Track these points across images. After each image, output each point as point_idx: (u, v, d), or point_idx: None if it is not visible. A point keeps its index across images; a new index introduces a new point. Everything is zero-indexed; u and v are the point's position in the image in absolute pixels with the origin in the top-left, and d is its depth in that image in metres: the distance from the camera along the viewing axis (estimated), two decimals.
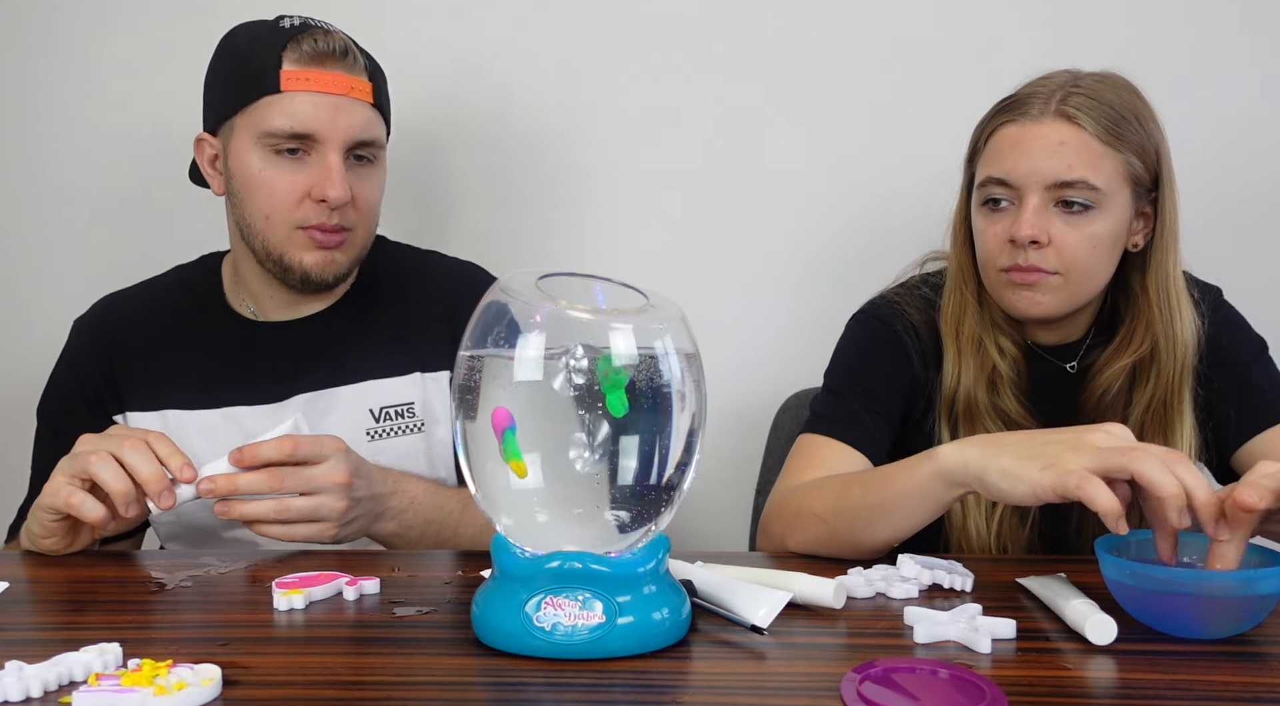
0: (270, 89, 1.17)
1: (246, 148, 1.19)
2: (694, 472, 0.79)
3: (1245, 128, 1.57)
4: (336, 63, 1.18)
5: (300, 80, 1.16)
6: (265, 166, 1.18)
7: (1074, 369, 1.23)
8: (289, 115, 1.16)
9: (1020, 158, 1.12)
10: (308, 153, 1.18)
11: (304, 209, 1.19)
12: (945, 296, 1.22)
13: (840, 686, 0.69)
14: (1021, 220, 1.11)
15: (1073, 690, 0.71)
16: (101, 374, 1.27)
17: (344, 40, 1.19)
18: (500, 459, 0.75)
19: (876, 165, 1.61)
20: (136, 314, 1.30)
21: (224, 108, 1.21)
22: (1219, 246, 1.46)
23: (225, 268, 1.32)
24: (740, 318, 1.64)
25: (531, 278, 0.79)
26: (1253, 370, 1.21)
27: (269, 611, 0.86)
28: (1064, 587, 0.86)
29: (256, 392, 1.25)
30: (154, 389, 1.26)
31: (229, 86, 1.21)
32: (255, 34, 1.20)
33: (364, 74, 1.21)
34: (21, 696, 0.68)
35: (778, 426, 1.49)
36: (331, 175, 1.17)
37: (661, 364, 0.75)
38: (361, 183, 1.21)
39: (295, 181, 1.18)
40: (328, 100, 1.17)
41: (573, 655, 0.75)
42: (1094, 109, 1.12)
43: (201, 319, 1.29)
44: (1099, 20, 1.56)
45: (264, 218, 1.20)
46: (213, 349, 1.27)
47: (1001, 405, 1.17)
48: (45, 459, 1.25)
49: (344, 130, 1.18)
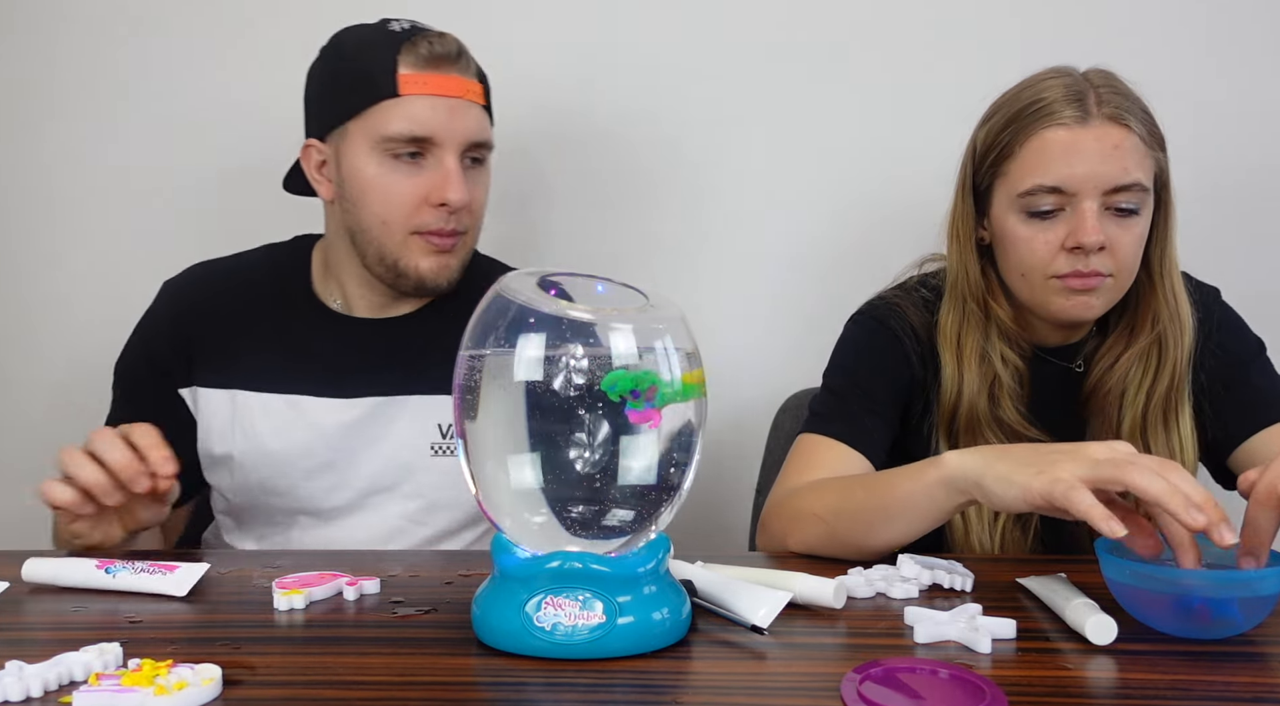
0: (387, 93, 1.15)
1: (362, 153, 1.17)
2: (694, 472, 0.79)
3: (1242, 127, 1.57)
4: (452, 65, 1.17)
5: (418, 84, 1.15)
6: (383, 171, 1.17)
7: (1080, 368, 1.22)
8: (408, 118, 1.15)
9: (1077, 164, 1.10)
10: (425, 156, 1.18)
11: (422, 214, 1.18)
12: (943, 309, 1.21)
13: (840, 686, 0.69)
14: (1086, 226, 1.09)
15: (1073, 690, 0.71)
16: (176, 346, 1.26)
17: (457, 43, 1.19)
18: (500, 459, 0.76)
19: (877, 165, 1.61)
20: (222, 290, 1.28)
21: (336, 113, 1.19)
22: (1216, 248, 1.46)
23: (316, 255, 1.30)
24: (740, 318, 1.65)
25: (532, 278, 0.79)
26: (1251, 370, 1.22)
27: (269, 611, 0.86)
28: (1064, 587, 0.86)
29: (329, 385, 1.24)
30: (227, 367, 1.25)
31: (340, 92, 1.19)
32: (365, 38, 1.19)
33: (475, 76, 1.21)
34: (21, 696, 0.68)
35: (778, 426, 1.49)
36: (450, 178, 1.17)
37: (661, 364, 0.75)
38: (474, 186, 1.21)
39: (414, 186, 1.17)
40: (445, 103, 1.16)
41: (573, 655, 0.75)
42: (1132, 109, 1.12)
43: (285, 304, 1.27)
44: (1091, 19, 1.57)
45: (380, 223, 1.18)
46: (291, 335, 1.25)
47: (1002, 415, 1.17)
48: (114, 423, 1.25)
49: (461, 132, 1.17)
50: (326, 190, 1.23)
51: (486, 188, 1.25)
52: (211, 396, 1.24)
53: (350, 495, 1.23)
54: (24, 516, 1.25)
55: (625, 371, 0.73)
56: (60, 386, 1.70)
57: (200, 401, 1.25)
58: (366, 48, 1.18)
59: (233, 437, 1.24)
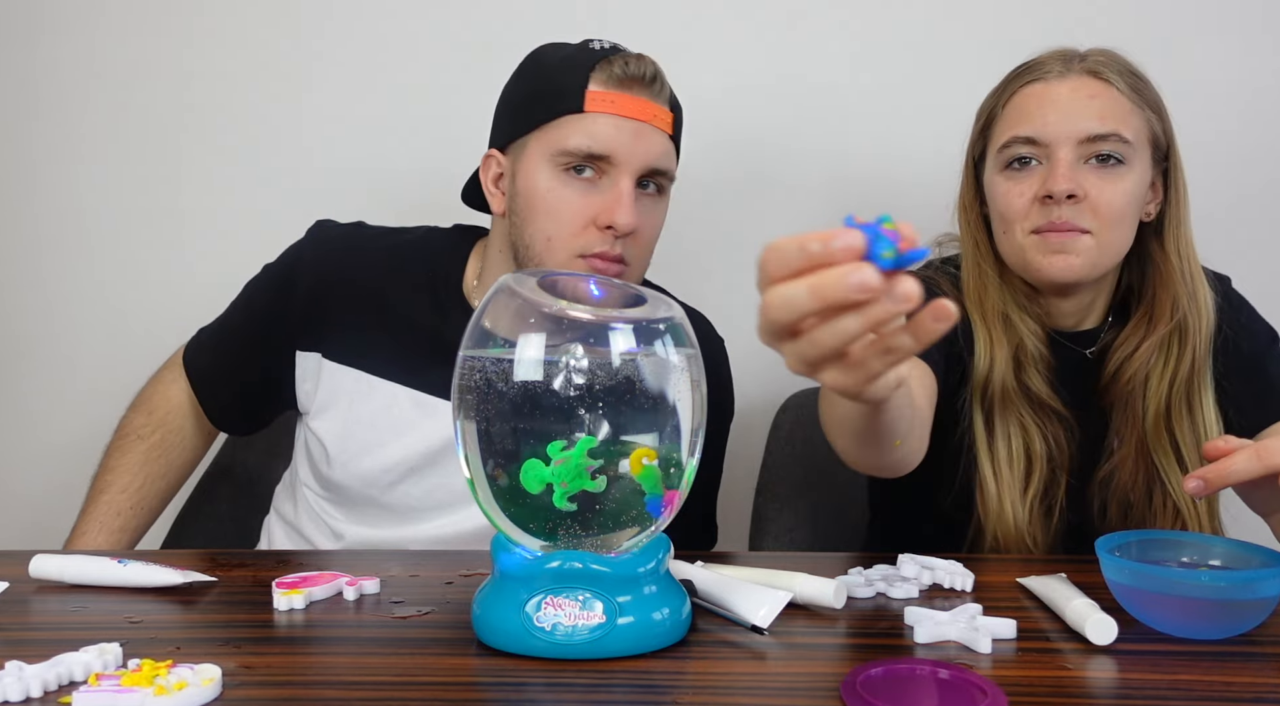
0: (573, 108, 1.13)
1: (537, 166, 1.15)
2: (693, 473, 0.79)
3: (1247, 120, 1.57)
4: (644, 88, 1.14)
5: (605, 102, 1.13)
6: (555, 186, 1.14)
7: (1093, 354, 1.21)
8: (589, 135, 1.13)
9: (1050, 112, 1.10)
10: (600, 176, 1.14)
11: (588, 235, 1.14)
12: (965, 274, 1.20)
13: (840, 686, 0.69)
14: (1057, 174, 1.08)
15: (1073, 690, 0.71)
16: (310, 301, 1.23)
17: (653, 66, 1.16)
18: (500, 459, 0.76)
19: (876, 162, 1.61)
20: (374, 262, 1.25)
21: (520, 125, 1.18)
22: (1225, 238, 1.46)
23: (474, 254, 1.27)
24: (740, 318, 1.64)
25: (532, 278, 0.79)
26: (1266, 360, 1.21)
27: (269, 611, 0.86)
28: (1064, 587, 0.86)
29: (444, 386, 1.21)
30: (355, 344, 1.23)
31: (529, 104, 1.17)
32: (563, 53, 1.18)
33: (667, 103, 1.17)
34: (21, 696, 0.68)
35: (778, 426, 1.49)
36: (622, 200, 1.13)
37: (661, 363, 0.75)
38: (646, 214, 1.17)
39: (584, 205, 1.14)
40: (629, 124, 1.13)
41: (573, 655, 0.75)
42: (1117, 66, 1.12)
43: (430, 292, 1.24)
44: (1098, 9, 1.57)
45: (545, 240, 1.15)
46: (429, 330, 1.22)
47: (1029, 383, 1.15)
48: (226, 325, 1.31)
49: (641, 156, 1.14)
50: (499, 203, 1.20)
51: (660, 221, 1.21)
52: (334, 371, 1.23)
53: (449, 498, 1.21)
54: (25, 515, 1.27)
55: None
56: (60, 386, 1.70)
57: (325, 373, 1.23)
58: (563, 62, 1.16)
59: (345, 418, 1.22)
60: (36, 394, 1.71)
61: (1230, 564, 0.85)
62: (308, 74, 1.66)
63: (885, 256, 0.57)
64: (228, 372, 1.31)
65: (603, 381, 0.73)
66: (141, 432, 1.30)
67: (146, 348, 1.45)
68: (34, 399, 1.71)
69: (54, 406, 1.70)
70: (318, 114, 1.66)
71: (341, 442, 1.22)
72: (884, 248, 0.57)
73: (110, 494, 1.26)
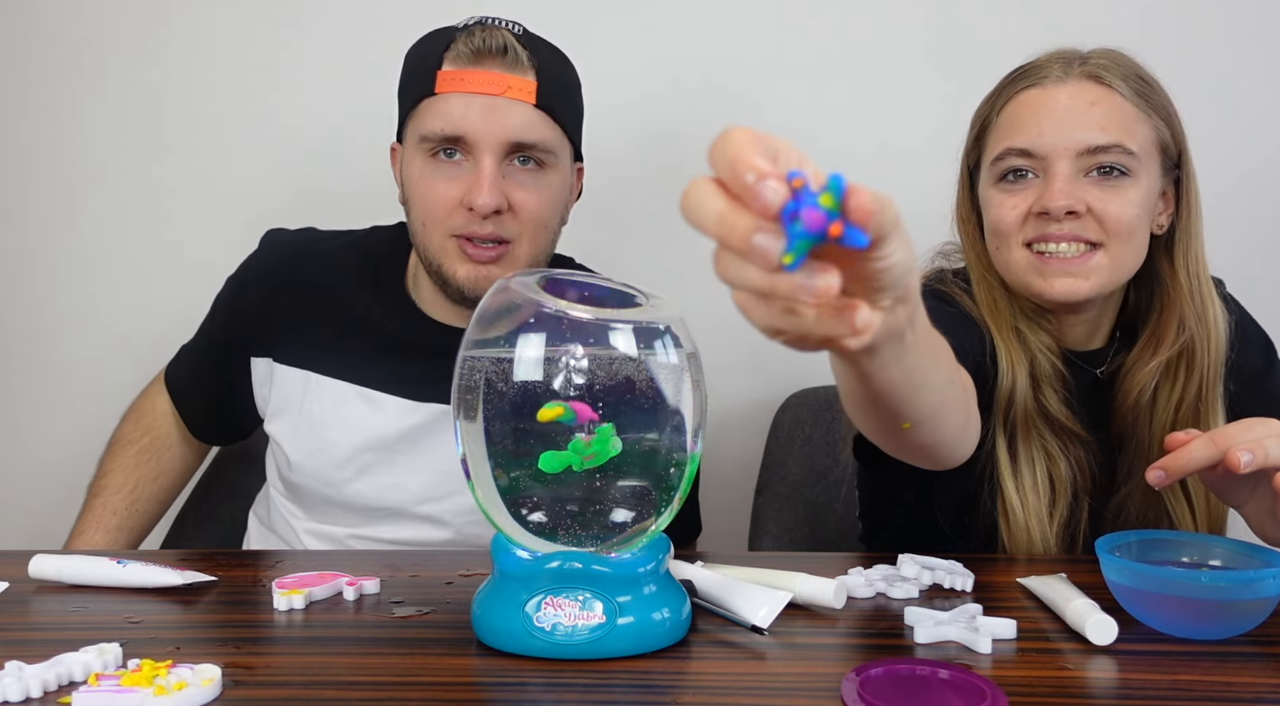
0: (428, 91, 1.12)
1: (412, 154, 1.15)
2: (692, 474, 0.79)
3: (1249, 126, 1.57)
4: (495, 60, 1.11)
5: (454, 81, 1.11)
6: (425, 171, 1.14)
7: (1104, 374, 1.13)
8: (441, 116, 1.11)
9: (1046, 122, 1.02)
10: (466, 157, 1.13)
11: (456, 216, 1.13)
12: (975, 287, 1.13)
13: (840, 686, 0.69)
14: (1053, 190, 1.00)
15: (1073, 690, 0.71)
16: (264, 307, 1.24)
17: (507, 37, 1.12)
18: (499, 460, 0.76)
19: (876, 162, 1.61)
20: (319, 265, 1.25)
21: (401, 114, 1.18)
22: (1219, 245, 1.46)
23: (414, 252, 1.26)
24: (740, 318, 1.64)
25: (532, 278, 0.79)
26: (1270, 373, 1.16)
27: (269, 611, 0.86)
28: (1064, 587, 0.86)
29: (400, 384, 1.21)
30: (303, 345, 1.23)
31: (402, 92, 1.18)
32: (431, 35, 1.17)
33: (528, 72, 1.13)
34: (21, 696, 0.68)
35: (778, 426, 1.49)
36: (481, 179, 1.10)
37: (661, 364, 0.75)
38: (522, 190, 1.13)
39: (447, 186, 1.13)
40: (479, 101, 1.11)
41: (573, 655, 0.75)
42: (1120, 69, 1.04)
43: (375, 293, 1.24)
44: (1103, 10, 1.56)
45: (422, 225, 1.16)
46: (374, 326, 1.22)
47: (1047, 406, 1.07)
48: (198, 340, 1.33)
49: (496, 132, 1.11)
50: (400, 193, 1.21)
51: (548, 194, 1.16)
52: (287, 374, 1.23)
53: (403, 499, 1.21)
54: (24, 516, 1.27)
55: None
56: (59, 387, 1.70)
57: (276, 376, 1.24)
58: (421, 46, 1.17)
59: (296, 419, 1.23)
60: (35, 396, 1.71)
61: (1230, 564, 0.85)
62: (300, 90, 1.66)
63: (797, 246, 0.49)
64: (202, 386, 1.33)
65: (603, 382, 0.73)
66: (131, 438, 1.32)
67: (146, 349, 1.45)
68: (33, 401, 1.71)
69: (51, 410, 1.70)
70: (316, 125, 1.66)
71: (296, 443, 1.22)
72: (798, 237, 0.49)
73: (105, 495, 1.28)
